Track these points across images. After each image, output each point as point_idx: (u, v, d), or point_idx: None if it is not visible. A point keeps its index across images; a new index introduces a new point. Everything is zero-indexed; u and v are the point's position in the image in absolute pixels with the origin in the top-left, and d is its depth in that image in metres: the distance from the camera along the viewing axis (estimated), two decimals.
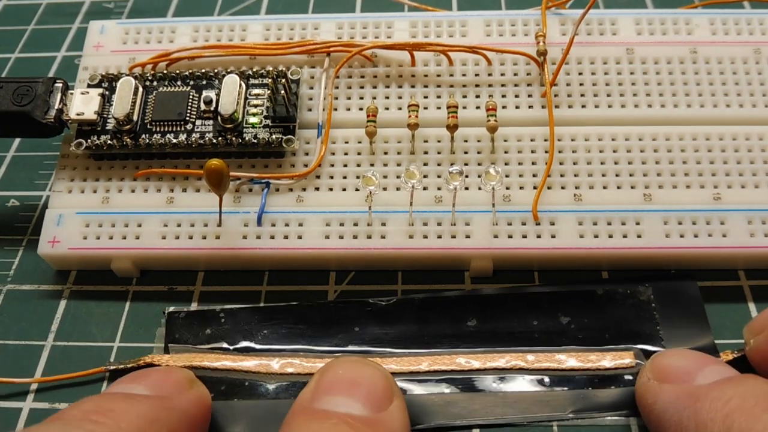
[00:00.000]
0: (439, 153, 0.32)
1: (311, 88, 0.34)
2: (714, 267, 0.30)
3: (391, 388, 0.24)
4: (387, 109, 0.33)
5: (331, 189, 0.32)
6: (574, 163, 0.31)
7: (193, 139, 0.32)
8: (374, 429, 0.22)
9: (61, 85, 0.32)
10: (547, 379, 0.27)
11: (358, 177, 0.31)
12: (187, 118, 0.32)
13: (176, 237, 0.31)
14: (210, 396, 0.26)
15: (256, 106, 0.32)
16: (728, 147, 0.31)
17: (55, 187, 0.33)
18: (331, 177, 0.32)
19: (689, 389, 0.22)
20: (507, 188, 0.31)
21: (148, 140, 0.32)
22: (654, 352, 0.27)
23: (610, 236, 0.30)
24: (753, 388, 0.21)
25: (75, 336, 0.30)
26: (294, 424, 0.22)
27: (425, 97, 0.33)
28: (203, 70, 0.33)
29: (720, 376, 0.22)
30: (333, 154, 0.32)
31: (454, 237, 0.30)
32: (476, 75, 0.34)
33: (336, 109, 0.33)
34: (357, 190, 0.31)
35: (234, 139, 0.32)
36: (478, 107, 0.33)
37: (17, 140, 0.38)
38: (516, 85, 0.34)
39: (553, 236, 0.30)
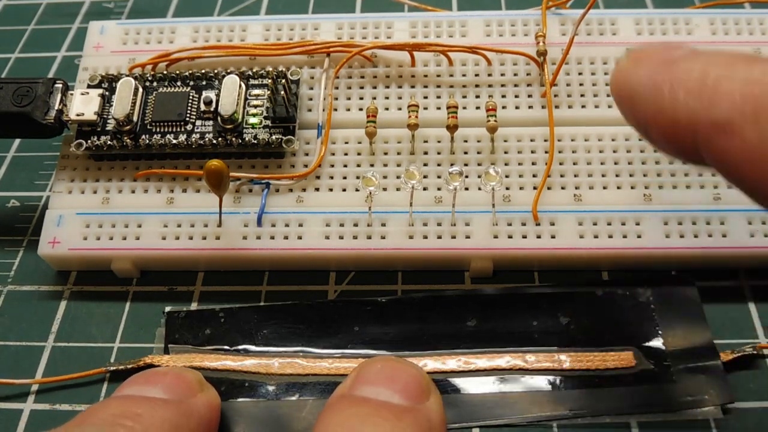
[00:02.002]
0: (439, 153, 0.32)
1: (311, 88, 0.34)
2: (714, 267, 0.30)
3: (428, 384, 0.24)
4: (387, 109, 0.33)
5: (331, 189, 0.32)
6: (574, 163, 0.31)
7: (193, 139, 0.32)
8: (412, 418, 0.22)
9: (61, 85, 0.32)
10: (546, 380, 0.27)
11: (358, 177, 0.31)
12: (187, 119, 0.32)
13: (176, 237, 0.31)
14: (219, 398, 0.26)
15: (256, 106, 0.32)
16: None
17: (55, 188, 0.33)
18: (331, 177, 0.32)
19: (664, 59, 0.21)
20: (507, 188, 0.31)
21: (148, 141, 0.32)
22: (653, 352, 0.27)
23: (610, 236, 0.30)
24: (729, 53, 0.20)
25: (75, 337, 0.31)
26: (333, 409, 0.22)
27: (425, 98, 0.33)
28: (203, 71, 0.33)
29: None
30: (333, 154, 0.32)
31: (454, 237, 0.30)
32: (476, 75, 0.34)
33: (336, 110, 0.33)
34: (357, 190, 0.31)
35: (234, 139, 0.32)
36: (478, 107, 0.33)
37: (17, 141, 0.38)
38: (516, 85, 0.34)
39: (553, 236, 0.30)
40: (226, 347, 0.29)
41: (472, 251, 0.30)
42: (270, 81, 0.33)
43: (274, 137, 0.32)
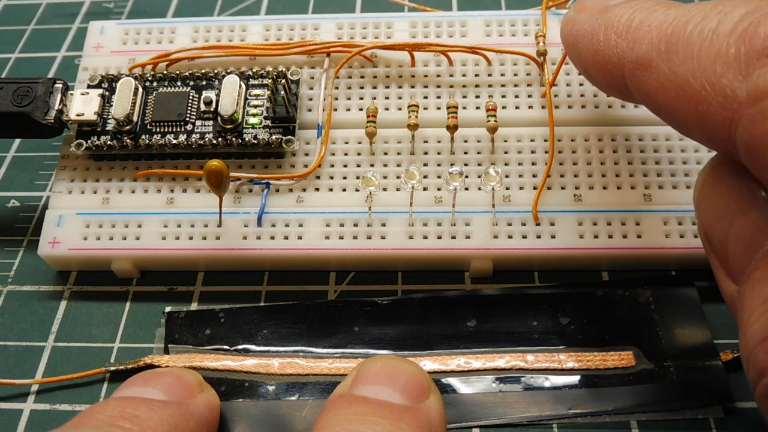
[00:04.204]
0: (439, 153, 0.32)
1: (311, 88, 0.34)
2: None
3: (428, 383, 0.24)
4: (387, 109, 0.33)
5: (331, 189, 0.32)
6: (574, 164, 0.31)
7: (193, 139, 0.32)
8: (412, 417, 0.22)
9: (61, 85, 0.32)
10: (547, 380, 0.27)
11: (358, 177, 0.31)
12: (187, 119, 0.32)
13: (176, 237, 0.31)
14: (219, 399, 0.26)
15: (256, 106, 0.32)
16: None
17: (56, 188, 0.33)
18: (331, 177, 0.32)
19: (601, 7, 0.25)
20: (507, 189, 0.31)
21: (148, 141, 0.32)
22: (653, 352, 0.27)
23: (610, 236, 0.30)
24: (654, 0, 0.23)
25: (75, 337, 0.31)
26: (332, 408, 0.22)
27: (425, 98, 0.33)
28: (203, 71, 0.33)
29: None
30: (333, 154, 0.32)
31: (454, 237, 0.30)
32: (476, 75, 0.34)
33: (336, 110, 0.33)
34: (357, 190, 0.31)
35: (234, 139, 0.32)
36: (478, 107, 0.33)
37: (17, 141, 0.38)
38: (516, 86, 0.34)
39: (553, 236, 0.30)
40: (226, 347, 0.29)
41: (472, 251, 0.30)
42: (270, 81, 0.33)
43: (274, 137, 0.32)
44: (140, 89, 0.33)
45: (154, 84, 0.33)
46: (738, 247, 0.21)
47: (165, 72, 0.34)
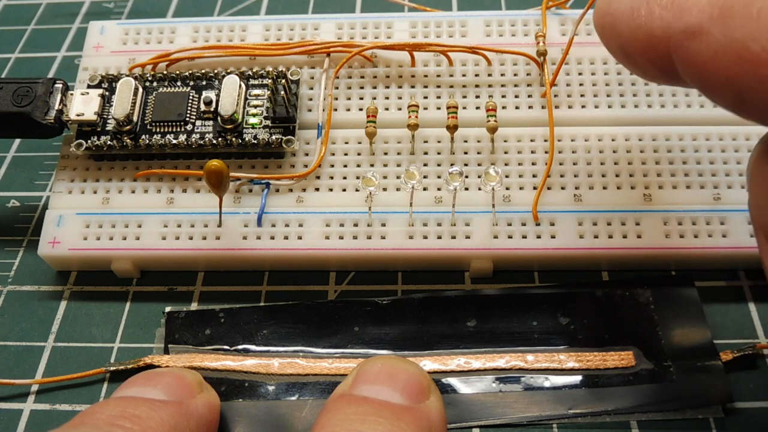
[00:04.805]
0: (439, 153, 0.32)
1: (311, 88, 0.34)
2: (714, 267, 0.30)
3: (428, 383, 0.24)
4: (387, 109, 0.33)
5: (331, 189, 0.32)
6: (574, 164, 0.31)
7: (193, 139, 0.32)
8: (412, 417, 0.22)
9: (61, 85, 0.32)
10: (547, 380, 0.27)
11: (358, 177, 0.31)
12: (187, 119, 0.32)
13: (176, 237, 0.31)
14: (219, 399, 0.26)
15: (256, 106, 0.32)
16: (728, 147, 0.31)
17: (56, 188, 0.33)
18: (331, 177, 0.32)
19: None
20: (507, 189, 0.31)
21: (148, 141, 0.32)
22: (653, 352, 0.27)
23: (610, 236, 0.30)
24: None
25: (75, 337, 0.31)
26: (332, 408, 0.22)
27: (425, 98, 0.33)
28: (203, 71, 0.33)
29: None
30: (333, 154, 0.32)
31: (454, 237, 0.30)
32: (476, 75, 0.34)
33: (336, 110, 0.33)
34: (357, 190, 0.31)
35: (234, 139, 0.32)
36: (478, 107, 0.33)
37: (17, 141, 0.38)
38: (516, 86, 0.34)
39: (553, 237, 0.30)
40: (226, 347, 0.29)
41: (472, 251, 0.30)
42: (270, 81, 0.33)
43: (274, 137, 0.32)
44: (140, 89, 0.33)
45: (154, 84, 0.33)
46: None
47: (165, 72, 0.34)
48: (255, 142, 0.31)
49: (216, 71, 0.33)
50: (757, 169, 0.22)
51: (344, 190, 0.32)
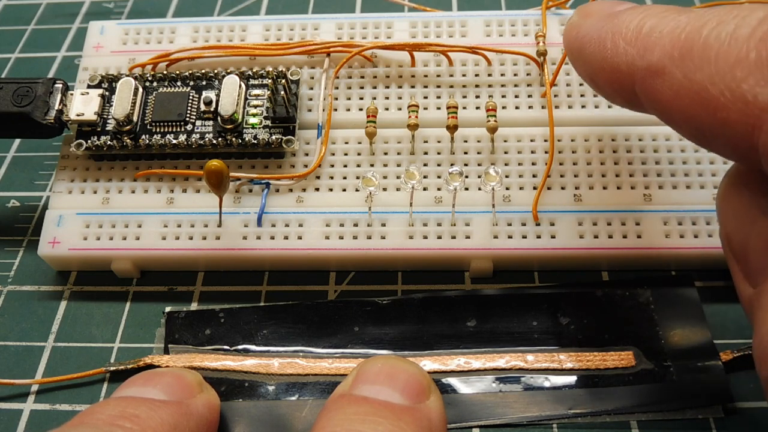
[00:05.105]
0: (439, 153, 0.32)
1: (311, 88, 0.34)
2: (714, 267, 0.30)
3: (428, 383, 0.24)
4: (387, 109, 0.33)
5: (331, 189, 0.32)
6: (574, 164, 0.31)
7: (193, 139, 0.32)
8: (412, 417, 0.22)
9: (61, 85, 0.32)
10: (547, 380, 0.27)
11: (358, 177, 0.31)
12: (187, 119, 0.32)
13: (176, 237, 0.31)
14: (219, 399, 0.26)
15: (256, 106, 0.32)
16: None
17: (56, 188, 0.33)
18: (331, 177, 0.32)
19: (608, 13, 0.24)
20: (507, 189, 0.31)
21: (148, 141, 0.32)
22: (653, 352, 0.27)
23: (610, 236, 0.30)
24: (664, 6, 0.22)
25: (75, 337, 0.31)
26: (332, 408, 0.22)
27: (425, 98, 0.33)
28: (203, 71, 0.33)
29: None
30: (333, 154, 0.32)
31: (454, 237, 0.30)
32: (476, 75, 0.34)
33: (336, 110, 0.33)
34: (357, 190, 0.31)
35: (234, 139, 0.32)
36: (478, 107, 0.33)
37: (17, 141, 0.38)
38: (516, 86, 0.34)
39: (552, 236, 0.30)
40: (226, 347, 0.29)
41: (472, 251, 0.30)
42: (270, 81, 0.33)
43: (274, 137, 0.32)
44: (140, 89, 0.33)
45: (154, 84, 0.33)
46: (758, 248, 0.21)
47: (165, 72, 0.34)
48: (255, 142, 0.31)
49: (216, 71, 0.33)
50: (724, 201, 0.23)
51: (344, 190, 0.32)
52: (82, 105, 0.33)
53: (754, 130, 0.18)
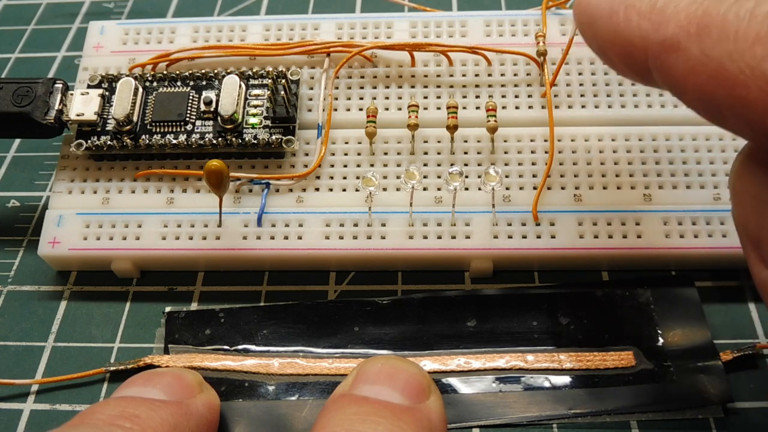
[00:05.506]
0: (439, 153, 0.32)
1: (311, 88, 0.34)
2: (714, 267, 0.30)
3: (429, 383, 0.24)
4: (387, 109, 0.33)
5: (331, 189, 0.32)
6: (574, 164, 0.31)
7: (193, 139, 0.32)
8: (412, 417, 0.22)
9: (61, 85, 0.32)
10: (546, 380, 0.27)
11: (358, 177, 0.31)
12: (187, 119, 0.32)
13: (176, 237, 0.31)
14: (219, 399, 0.26)
15: (256, 106, 0.32)
16: (728, 147, 0.31)
17: (56, 188, 0.33)
18: (331, 177, 0.32)
19: None
20: (507, 189, 0.31)
21: (148, 141, 0.32)
22: (653, 352, 0.27)
23: (610, 236, 0.30)
24: None
25: (75, 337, 0.31)
26: (332, 408, 0.22)
27: (425, 98, 0.33)
28: (203, 71, 0.33)
29: None
30: (333, 154, 0.32)
31: (454, 237, 0.30)
32: (476, 75, 0.34)
33: (336, 110, 0.33)
34: (357, 190, 0.31)
35: (234, 139, 0.32)
36: (478, 107, 0.33)
37: (17, 141, 0.38)
38: (516, 86, 0.34)
39: (552, 237, 0.30)
40: (226, 347, 0.29)
41: (472, 251, 0.30)
42: (270, 81, 0.33)
43: (274, 137, 0.32)
44: (140, 89, 0.33)
45: (154, 84, 0.33)
46: None
47: (165, 72, 0.34)
48: (255, 142, 0.31)
49: (216, 71, 0.33)
50: (738, 181, 0.22)
51: (344, 190, 0.32)
52: (82, 105, 0.33)
53: None
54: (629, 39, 0.21)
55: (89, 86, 0.34)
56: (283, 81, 0.32)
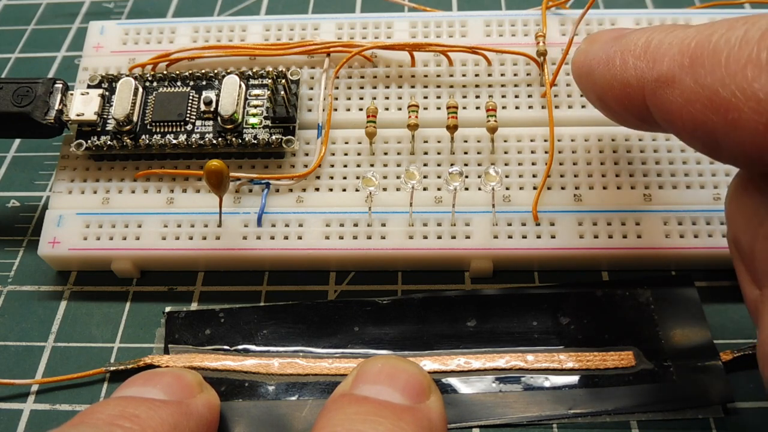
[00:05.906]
0: (439, 153, 0.32)
1: (311, 88, 0.34)
2: (714, 267, 0.30)
3: (429, 383, 0.24)
4: (387, 109, 0.33)
5: (331, 189, 0.32)
6: (574, 164, 0.31)
7: (193, 139, 0.32)
8: (413, 417, 0.22)
9: (61, 85, 0.32)
10: (546, 380, 0.27)
11: (358, 177, 0.31)
12: (187, 119, 0.32)
13: (176, 237, 0.31)
14: (219, 399, 0.26)
15: (256, 106, 0.32)
16: None
17: (56, 188, 0.33)
18: (331, 177, 0.32)
19: (615, 36, 0.24)
20: (507, 189, 0.31)
21: (148, 141, 0.32)
22: (653, 352, 0.27)
23: (610, 236, 0.30)
24: (669, 24, 0.23)
25: (75, 337, 0.31)
26: (333, 407, 0.22)
27: (425, 98, 0.33)
28: (203, 71, 0.33)
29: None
30: (333, 154, 0.32)
31: (454, 237, 0.30)
32: (476, 75, 0.34)
33: (336, 110, 0.33)
34: (357, 190, 0.31)
35: (234, 139, 0.32)
36: (478, 107, 0.33)
37: (17, 141, 0.38)
38: (516, 86, 0.34)
39: (552, 237, 0.30)
40: (226, 347, 0.29)
41: (472, 251, 0.30)
42: (270, 81, 0.33)
43: (274, 137, 0.32)
44: (140, 89, 0.33)
45: (154, 84, 0.33)
46: (765, 251, 0.21)
47: (165, 72, 0.34)
48: (255, 142, 0.31)
49: (216, 71, 0.33)
50: (733, 202, 0.23)
51: (344, 190, 0.32)
52: (82, 105, 0.33)
53: (766, 129, 0.18)
54: (626, 81, 0.22)
55: (89, 86, 0.34)
56: (283, 81, 0.32)
